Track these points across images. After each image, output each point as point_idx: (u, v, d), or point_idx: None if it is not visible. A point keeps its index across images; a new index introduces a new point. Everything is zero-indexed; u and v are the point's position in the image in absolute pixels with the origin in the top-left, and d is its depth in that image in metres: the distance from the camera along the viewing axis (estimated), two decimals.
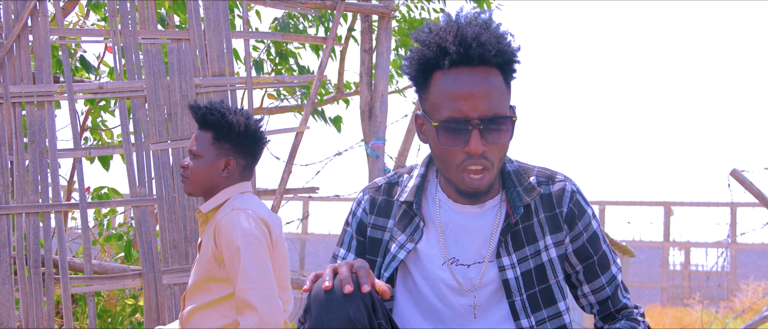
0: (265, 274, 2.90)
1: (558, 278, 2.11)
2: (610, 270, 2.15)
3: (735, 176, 5.19)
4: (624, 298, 2.16)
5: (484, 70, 1.98)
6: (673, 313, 14.11)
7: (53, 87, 4.02)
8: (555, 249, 2.11)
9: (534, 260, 2.10)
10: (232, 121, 3.06)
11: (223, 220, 2.96)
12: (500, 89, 1.99)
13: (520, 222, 2.10)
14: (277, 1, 4.29)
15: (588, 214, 2.14)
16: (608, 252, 2.16)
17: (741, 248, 18.58)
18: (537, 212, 2.11)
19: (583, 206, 2.14)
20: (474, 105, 1.96)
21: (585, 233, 2.13)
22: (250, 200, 3.06)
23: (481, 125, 1.96)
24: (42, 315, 3.91)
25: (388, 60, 4.57)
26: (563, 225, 2.11)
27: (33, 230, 3.94)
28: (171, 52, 4.09)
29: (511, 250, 2.09)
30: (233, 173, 3.09)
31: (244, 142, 3.08)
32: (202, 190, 3.10)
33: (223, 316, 2.99)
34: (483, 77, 1.97)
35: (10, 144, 3.96)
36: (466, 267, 2.09)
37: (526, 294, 2.08)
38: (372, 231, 2.16)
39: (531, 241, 2.10)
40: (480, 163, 1.98)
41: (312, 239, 17.79)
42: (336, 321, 1.87)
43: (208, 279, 3.02)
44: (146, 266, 3.97)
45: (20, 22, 3.99)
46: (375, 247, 2.15)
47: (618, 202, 18.07)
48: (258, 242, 2.92)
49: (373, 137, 4.55)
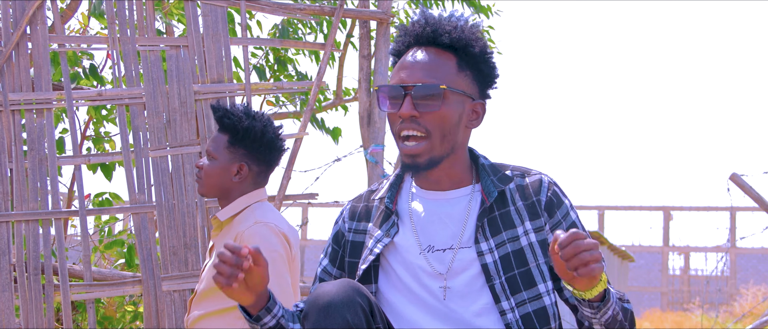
0: (286, 292, 2.91)
1: (538, 262, 2.13)
2: None
3: (734, 180, 5.19)
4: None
5: (435, 50, 2.13)
6: (673, 318, 14.11)
7: (52, 94, 4.02)
8: (535, 233, 2.14)
9: (512, 244, 2.13)
10: (249, 126, 3.03)
11: (246, 233, 2.93)
12: (446, 67, 2.11)
13: (496, 209, 2.14)
14: (275, 8, 4.30)
15: (566, 204, 2.18)
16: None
17: (741, 252, 18.58)
18: (513, 200, 2.16)
19: (560, 196, 2.18)
20: (411, 74, 2.11)
21: (564, 221, 2.16)
22: (270, 211, 3.03)
23: (412, 91, 2.08)
24: (42, 322, 3.91)
25: (386, 66, 4.57)
26: (542, 213, 2.15)
27: (33, 238, 3.94)
28: (170, 59, 4.10)
29: (488, 235, 2.13)
30: (246, 178, 3.06)
31: (259, 149, 3.05)
32: (214, 192, 3.08)
33: (230, 324, 2.99)
34: (430, 54, 2.12)
35: (10, 152, 3.97)
36: (441, 252, 2.13)
37: (504, 277, 2.11)
38: (353, 236, 2.23)
39: (508, 227, 2.14)
40: (413, 127, 2.09)
41: (311, 245, 17.78)
42: (334, 326, 1.89)
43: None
44: (146, 273, 3.97)
45: (19, 30, 3.99)
46: (357, 250, 2.21)
47: (617, 207, 18.08)
48: (281, 260, 2.92)
49: (372, 143, 4.55)
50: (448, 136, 2.12)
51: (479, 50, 2.14)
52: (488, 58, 2.16)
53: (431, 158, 2.11)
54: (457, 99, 2.12)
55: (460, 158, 2.17)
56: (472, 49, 2.13)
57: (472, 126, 2.16)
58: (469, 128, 2.17)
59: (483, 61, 2.15)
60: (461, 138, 2.15)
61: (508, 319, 2.09)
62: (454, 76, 2.12)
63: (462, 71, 2.14)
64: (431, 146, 2.11)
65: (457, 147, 2.15)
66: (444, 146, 2.12)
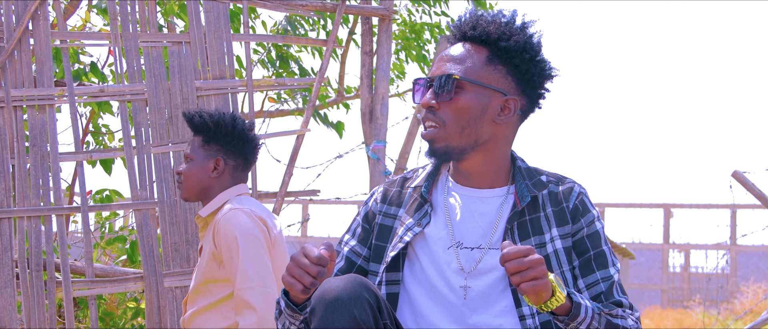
0: (264, 273, 2.91)
1: (563, 268, 2.13)
2: (607, 269, 2.15)
3: (737, 177, 5.19)
4: (619, 296, 2.15)
5: (470, 44, 2.15)
6: (674, 315, 14.11)
7: (54, 90, 4.02)
8: (561, 240, 2.14)
9: (539, 251, 2.12)
10: (219, 120, 3.12)
11: (221, 220, 2.98)
12: (473, 59, 2.13)
13: (527, 213, 2.14)
14: (277, 3, 4.29)
15: (592, 214, 2.17)
16: (608, 253, 2.17)
17: (741, 250, 18.57)
18: (544, 206, 2.15)
19: (588, 206, 2.18)
20: (439, 66, 2.15)
21: (586, 228, 2.15)
22: (247, 200, 3.08)
23: (434, 83, 2.12)
24: (44, 318, 3.91)
25: (388, 63, 4.57)
26: (569, 219, 2.15)
27: (35, 234, 3.94)
28: (172, 55, 4.10)
29: (516, 239, 2.13)
30: (223, 173, 3.13)
31: (232, 142, 3.14)
32: (196, 193, 3.14)
33: (224, 317, 3.00)
34: (464, 48, 2.15)
35: (12, 148, 3.96)
36: (469, 250, 2.13)
37: None
38: (383, 219, 2.22)
39: (537, 232, 2.13)
40: (429, 117, 2.12)
41: (312, 242, 17.79)
42: (341, 321, 1.88)
43: (207, 281, 3.02)
44: (148, 269, 3.97)
45: (21, 26, 3.99)
46: (385, 234, 2.20)
47: (618, 204, 18.07)
48: (257, 241, 2.94)
49: (374, 140, 4.55)
50: (468, 128, 2.11)
51: (513, 44, 2.11)
52: (525, 54, 2.12)
53: (448, 146, 2.11)
54: (479, 91, 2.11)
55: (493, 154, 2.15)
56: (505, 43, 2.11)
57: (501, 122, 2.13)
58: (499, 124, 2.13)
59: (517, 56, 2.12)
60: (488, 132, 2.13)
61: (528, 324, 2.09)
62: (480, 69, 2.12)
63: (491, 65, 2.12)
64: (446, 134, 2.11)
65: (482, 141, 2.13)
66: (464, 137, 2.11)
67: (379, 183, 4.47)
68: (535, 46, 2.15)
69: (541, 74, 2.16)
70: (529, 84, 2.15)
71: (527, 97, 2.16)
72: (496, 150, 2.16)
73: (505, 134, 2.16)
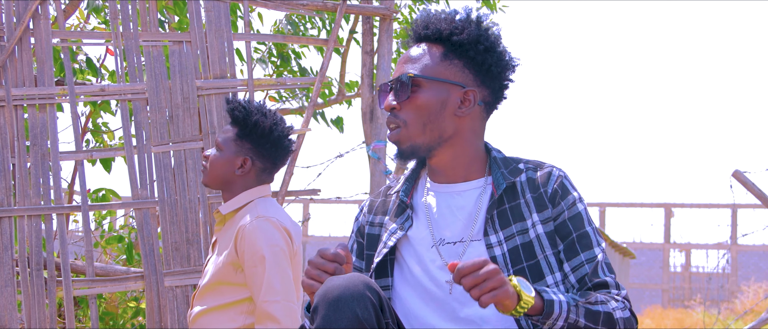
0: (288, 286, 2.90)
1: (546, 253, 2.12)
2: (592, 250, 2.13)
3: (737, 177, 5.19)
4: (605, 276, 2.12)
5: (425, 44, 2.18)
6: (674, 315, 14.11)
7: (55, 90, 4.02)
8: (542, 225, 2.14)
9: (521, 237, 2.13)
10: (258, 121, 3.04)
11: (248, 227, 2.93)
12: (428, 57, 2.16)
13: (506, 201, 2.15)
14: (278, 3, 4.29)
15: (573, 196, 2.16)
16: (592, 233, 2.15)
17: (742, 249, 18.57)
18: (523, 193, 2.16)
19: (568, 188, 2.17)
20: (398, 69, 2.19)
21: (567, 211, 2.14)
22: (273, 207, 3.03)
23: (393, 85, 2.16)
24: (44, 317, 3.91)
25: (389, 62, 4.57)
26: (548, 204, 2.15)
27: (35, 233, 3.94)
28: (172, 55, 4.10)
29: (497, 228, 2.13)
30: (249, 173, 3.07)
31: (265, 145, 3.06)
32: (217, 183, 3.09)
33: (232, 320, 2.98)
34: (419, 48, 2.18)
35: (12, 147, 3.96)
36: (452, 245, 2.14)
37: (513, 270, 2.11)
38: (370, 229, 2.25)
39: (517, 219, 2.14)
40: (391, 119, 2.16)
41: (313, 241, 17.79)
42: (344, 320, 1.88)
43: (221, 282, 3.00)
44: (148, 268, 3.97)
45: (22, 25, 3.99)
46: (373, 243, 2.23)
47: (618, 204, 18.07)
48: (282, 253, 2.92)
49: (374, 139, 4.55)
50: (430, 124, 2.14)
51: (466, 37, 2.14)
52: (479, 46, 2.15)
53: (413, 145, 2.14)
54: (436, 87, 2.14)
55: (462, 147, 2.17)
56: (458, 37, 2.14)
57: (462, 114, 2.15)
58: (461, 117, 2.15)
59: (471, 48, 2.15)
60: (451, 126, 2.15)
61: None
62: (436, 65, 2.15)
63: (447, 60, 2.15)
64: (409, 133, 2.14)
65: (447, 136, 2.15)
66: (427, 134, 2.14)
67: (379, 183, 4.48)
68: (489, 37, 2.17)
69: (499, 64, 2.17)
70: (487, 75, 2.17)
71: (488, 87, 2.18)
72: (464, 143, 2.17)
73: (471, 126, 2.17)
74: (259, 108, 3.08)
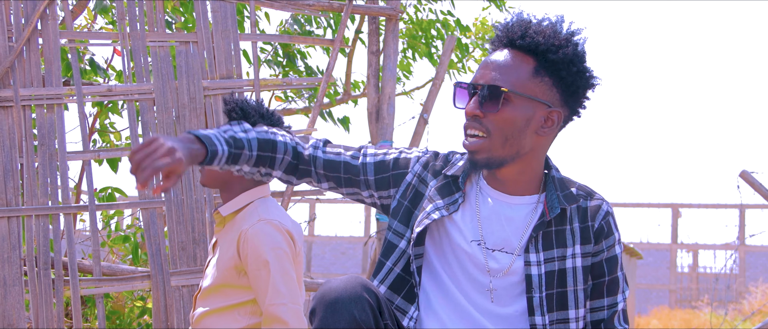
0: (293, 289, 2.90)
1: (577, 287, 2.14)
2: (615, 297, 2.18)
3: (744, 177, 5.18)
4: (619, 326, 2.18)
5: (516, 52, 2.11)
6: (681, 316, 14.08)
7: (63, 90, 4.04)
8: (581, 258, 2.15)
9: (559, 263, 2.13)
10: (255, 123, 3.02)
11: (250, 231, 2.92)
12: (519, 70, 2.09)
13: (553, 224, 2.14)
14: (284, 3, 4.30)
15: (615, 237, 2.18)
16: (621, 280, 2.19)
17: (750, 250, 18.52)
18: (571, 220, 2.16)
19: (612, 227, 2.18)
20: (484, 73, 2.11)
21: (606, 252, 2.16)
22: (274, 208, 3.02)
23: (479, 91, 2.09)
24: (52, 316, 3.93)
25: (395, 62, 4.57)
26: (592, 238, 2.16)
27: (43, 232, 3.95)
28: (179, 55, 4.11)
29: (539, 248, 2.13)
30: None
31: None
32: (215, 183, 3.08)
33: (236, 320, 2.98)
34: (509, 56, 2.11)
35: (20, 147, 3.98)
36: (490, 251, 2.13)
37: (545, 293, 2.11)
38: (417, 182, 2.21)
39: (560, 245, 2.14)
40: (475, 126, 2.10)
41: (318, 241, 17.80)
42: (342, 322, 1.89)
43: (224, 285, 3.00)
44: (155, 268, 3.99)
45: (30, 26, 4.01)
46: (417, 199, 2.19)
47: (625, 204, 18.03)
48: (286, 256, 2.91)
49: (380, 139, 4.55)
50: (511, 139, 2.09)
51: (561, 56, 2.09)
52: (572, 67, 2.10)
53: (489, 157, 2.10)
54: (525, 104, 2.09)
55: (530, 164, 2.15)
56: (553, 55, 2.09)
57: (543, 133, 2.12)
58: (541, 136, 2.12)
59: (564, 69, 2.10)
60: (529, 144, 2.12)
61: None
62: (526, 80, 2.09)
63: (538, 76, 2.10)
64: (490, 145, 2.09)
65: (524, 152, 2.12)
66: (506, 148, 2.10)
67: None
68: (581, 57, 2.12)
69: (586, 85, 2.14)
70: (573, 95, 2.13)
71: (569, 107, 2.15)
72: (533, 160, 2.15)
73: (545, 144, 2.15)
74: (256, 108, 3.06)
